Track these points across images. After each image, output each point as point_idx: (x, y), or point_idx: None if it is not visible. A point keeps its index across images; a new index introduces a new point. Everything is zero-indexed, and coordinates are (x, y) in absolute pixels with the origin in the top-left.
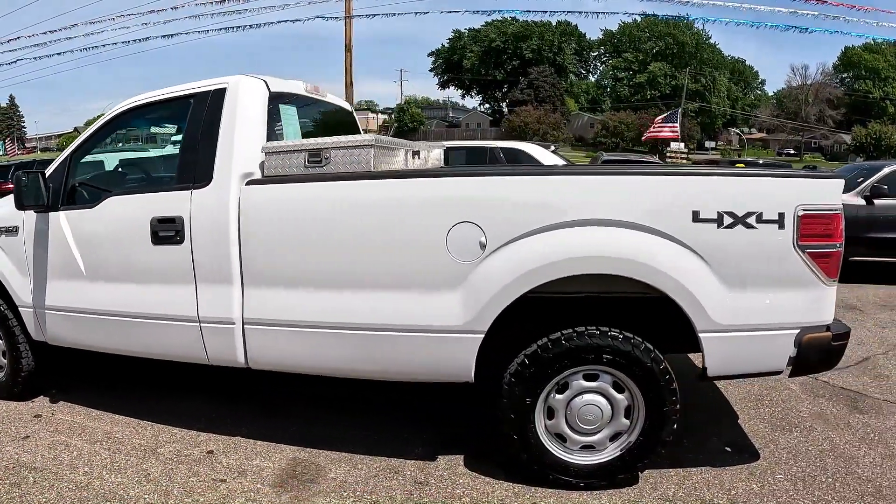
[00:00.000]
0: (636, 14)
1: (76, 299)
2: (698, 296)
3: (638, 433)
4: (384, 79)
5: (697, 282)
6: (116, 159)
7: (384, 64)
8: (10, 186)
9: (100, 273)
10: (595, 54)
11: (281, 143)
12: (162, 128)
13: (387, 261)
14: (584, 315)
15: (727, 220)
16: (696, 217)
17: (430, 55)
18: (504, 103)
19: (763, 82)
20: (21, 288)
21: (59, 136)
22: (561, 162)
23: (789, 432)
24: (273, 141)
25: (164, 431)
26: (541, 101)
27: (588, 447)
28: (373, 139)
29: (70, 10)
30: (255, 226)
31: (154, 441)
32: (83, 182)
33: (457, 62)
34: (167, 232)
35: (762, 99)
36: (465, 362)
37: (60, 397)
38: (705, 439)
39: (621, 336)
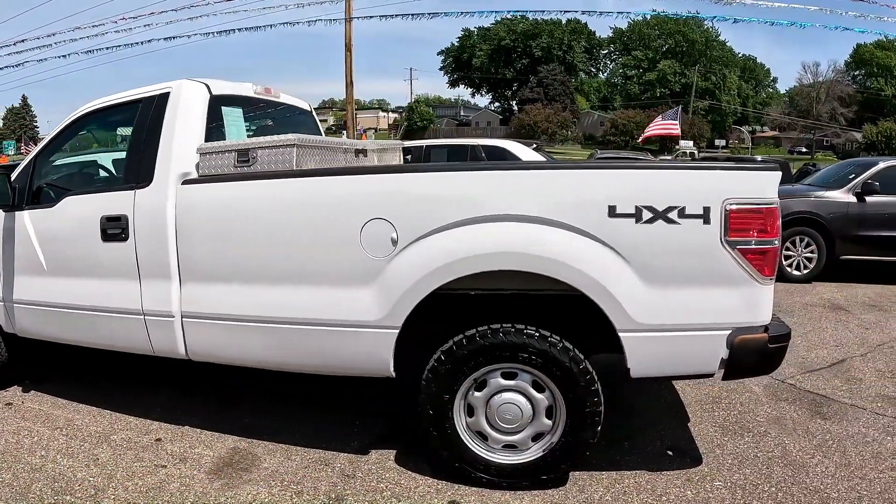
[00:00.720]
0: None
1: (39, 293)
2: (616, 294)
3: (560, 434)
4: (396, 77)
5: (615, 279)
6: (79, 161)
7: (396, 62)
8: None
9: (59, 269)
10: (605, 52)
11: (213, 144)
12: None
13: (306, 257)
14: (508, 312)
15: (646, 215)
16: (613, 212)
17: (440, 54)
18: (514, 102)
19: (775, 80)
20: None
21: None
22: (541, 159)
23: (740, 437)
24: (211, 142)
25: (121, 420)
26: (550, 100)
27: (510, 446)
28: (295, 139)
29: (79, 11)
30: (189, 223)
31: (109, 428)
32: (46, 183)
33: (466, 61)
34: (114, 230)
35: (774, 97)
36: (383, 357)
37: (32, 387)
38: (649, 442)
39: (537, 334)
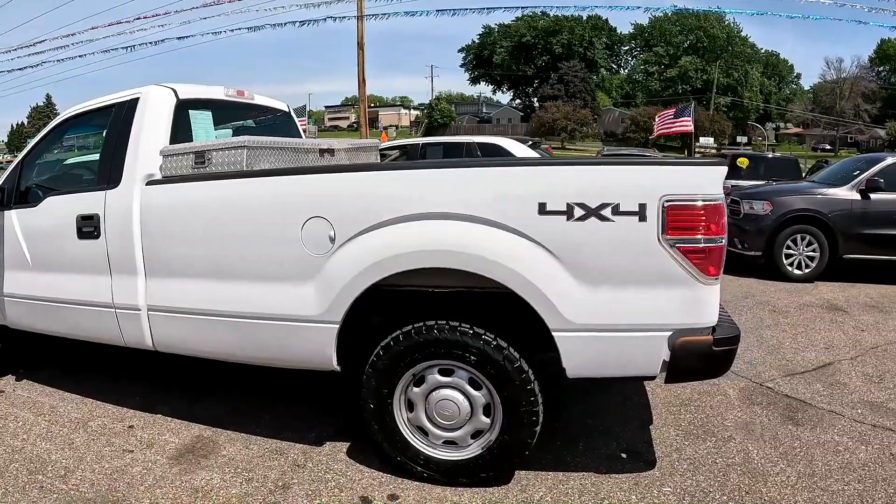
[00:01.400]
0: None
1: (26, 287)
2: (547, 293)
3: (498, 432)
4: (419, 74)
5: (546, 278)
6: (62, 163)
7: (419, 59)
8: None
9: (42, 264)
10: (626, 48)
11: (174, 147)
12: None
13: (253, 254)
14: (450, 309)
15: (578, 213)
16: (543, 209)
17: (461, 51)
18: (535, 99)
19: (798, 76)
20: None
21: None
22: (535, 156)
23: (702, 441)
24: (173, 144)
25: (100, 408)
26: (571, 97)
27: (451, 443)
28: (245, 141)
29: (97, 13)
30: (152, 221)
31: (88, 415)
32: (32, 183)
33: (487, 58)
34: (88, 227)
35: (797, 93)
36: (326, 351)
37: (26, 377)
38: (605, 443)
39: (471, 332)
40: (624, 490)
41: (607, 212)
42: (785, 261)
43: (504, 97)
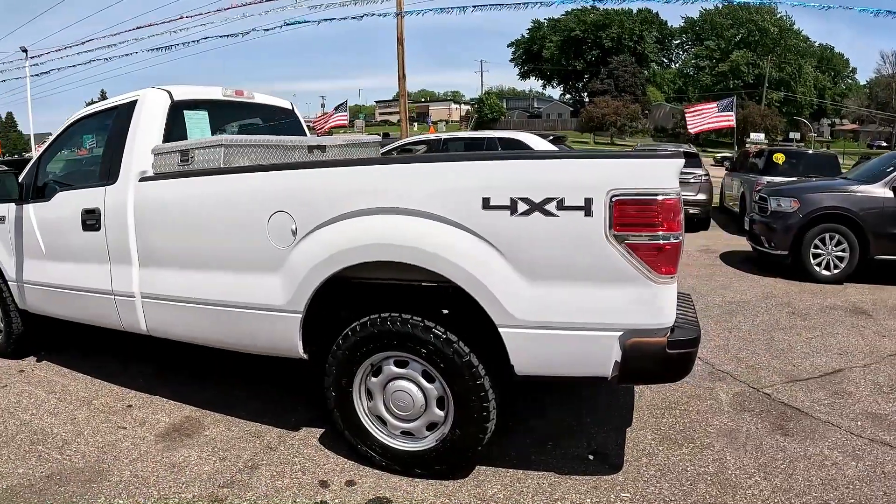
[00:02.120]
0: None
1: (40, 275)
2: (492, 288)
3: (451, 426)
4: (471, 68)
5: (490, 273)
6: (72, 160)
7: (472, 54)
8: None
9: (53, 254)
10: (677, 42)
11: (163, 145)
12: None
13: (228, 246)
14: (410, 302)
15: (522, 207)
16: (487, 204)
17: (510, 46)
18: (585, 94)
19: (854, 71)
20: (7, 265)
21: None
22: (555, 149)
23: (677, 447)
24: (164, 143)
25: (106, 388)
26: (621, 91)
27: (408, 434)
28: (221, 139)
29: (144, 13)
30: (143, 215)
31: (94, 395)
32: (47, 179)
33: (536, 52)
34: (91, 220)
35: (853, 88)
36: (291, 339)
37: (45, 358)
38: (576, 443)
39: (421, 325)
40: (580, 493)
41: (552, 206)
42: (812, 261)
43: (555, 92)
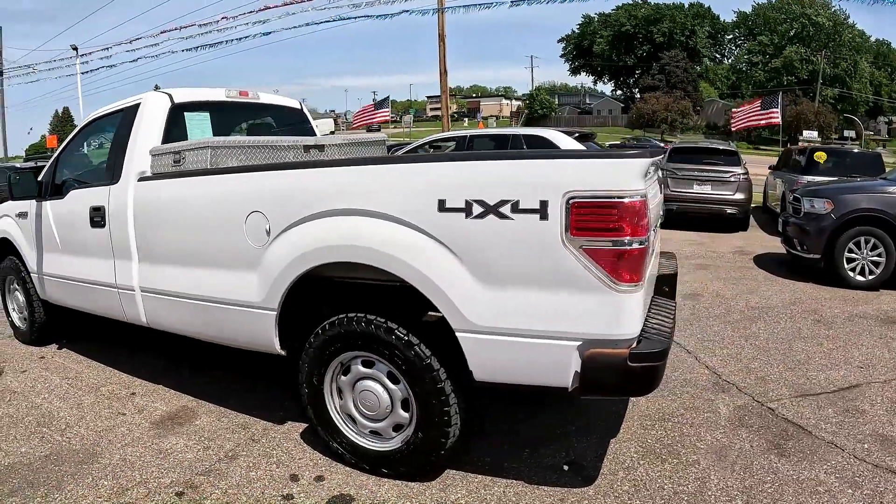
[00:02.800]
0: None
1: (56, 267)
2: (448, 292)
3: (414, 429)
4: (524, 64)
5: (446, 276)
6: (83, 160)
7: (524, 49)
8: None
9: (67, 248)
10: (729, 37)
11: (160, 147)
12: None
13: (212, 244)
14: (379, 304)
15: (477, 210)
16: (443, 206)
17: (560, 41)
18: (636, 89)
19: None
20: (30, 258)
21: None
22: (580, 148)
23: (660, 463)
24: (161, 145)
25: (115, 376)
26: (672, 87)
27: (376, 433)
28: (208, 141)
29: (190, 11)
30: (141, 213)
31: (103, 382)
32: (62, 178)
33: (587, 48)
34: (97, 218)
35: None
36: (268, 335)
37: (66, 346)
38: (553, 453)
39: (384, 326)
40: None
41: (506, 209)
42: (846, 265)
43: (606, 88)
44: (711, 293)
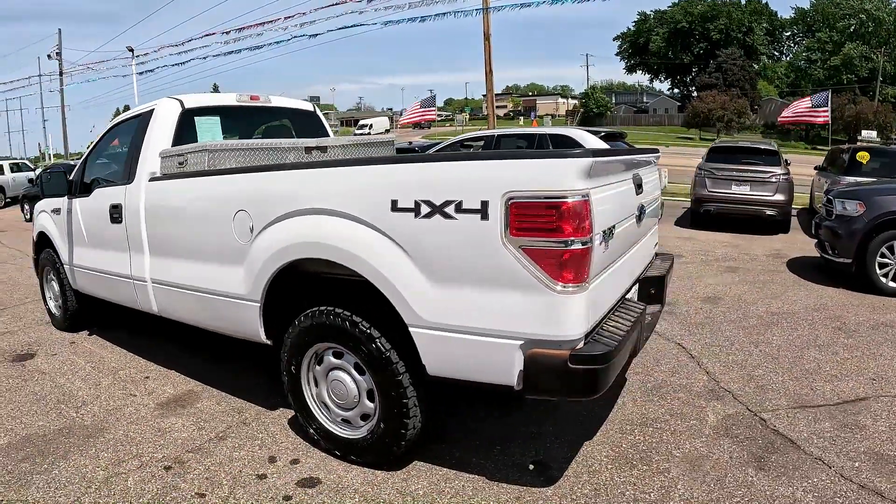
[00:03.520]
0: None
1: (83, 259)
2: (400, 287)
3: (377, 419)
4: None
5: (399, 273)
6: (106, 160)
7: (581, 47)
8: None
9: (92, 241)
10: (787, 34)
11: (168, 149)
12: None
13: (206, 240)
14: (348, 298)
15: (424, 210)
16: (395, 206)
17: (616, 39)
18: (692, 88)
19: None
20: (63, 250)
21: None
22: (604, 147)
23: (628, 469)
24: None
25: (134, 361)
26: (729, 85)
27: (347, 422)
28: (205, 144)
29: (252, 10)
30: (151, 211)
31: (122, 366)
32: (90, 177)
33: (643, 45)
34: (115, 214)
35: None
36: (254, 325)
37: (96, 333)
38: (523, 451)
39: (349, 319)
40: (500, 502)
41: (451, 209)
42: (878, 271)
43: (663, 86)
44: (733, 297)
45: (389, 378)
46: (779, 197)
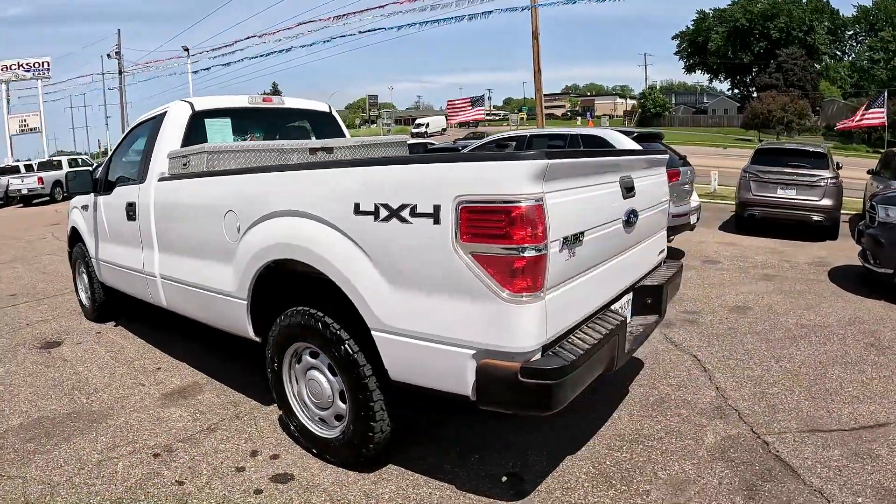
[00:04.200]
0: None
1: (106, 254)
2: (362, 291)
3: (348, 420)
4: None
5: (361, 276)
6: (126, 160)
7: (640, 47)
8: None
9: (112, 237)
10: (850, 33)
11: (175, 151)
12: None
13: (203, 238)
14: (324, 299)
15: (383, 213)
16: (357, 209)
17: (675, 38)
18: (752, 88)
19: None
20: (90, 244)
21: None
22: (636, 148)
23: (606, 488)
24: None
25: (150, 352)
26: (790, 86)
27: (323, 421)
28: (204, 146)
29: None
30: (159, 209)
31: (139, 357)
32: (112, 176)
33: (702, 45)
34: (131, 212)
35: None
36: (243, 322)
37: (122, 324)
38: (500, 462)
39: (322, 320)
40: None
41: (406, 213)
42: None
43: (723, 86)
44: (763, 307)
45: (357, 381)
46: (826, 202)
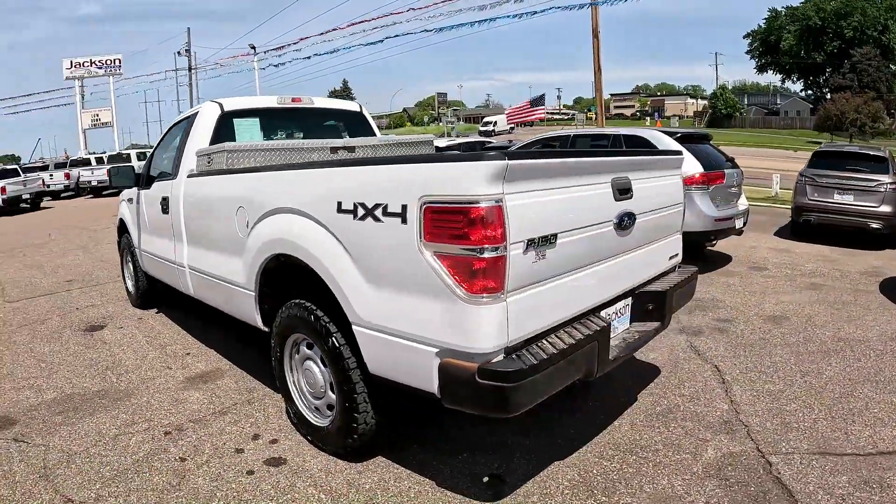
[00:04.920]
0: None
1: (146, 244)
2: (343, 286)
3: (337, 410)
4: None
5: (343, 273)
6: (162, 157)
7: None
8: None
9: (151, 229)
10: None
11: (202, 149)
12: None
13: (219, 232)
14: (318, 294)
15: (360, 212)
16: (339, 208)
17: (746, 37)
18: (826, 89)
19: None
20: (134, 235)
21: (388, 116)
22: (679, 148)
23: (584, 498)
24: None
25: (183, 338)
26: (864, 87)
27: (317, 409)
28: (224, 145)
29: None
30: (187, 204)
31: (171, 342)
32: (153, 172)
33: (774, 44)
34: (165, 206)
35: None
36: (252, 312)
37: (162, 311)
38: (486, 462)
39: (314, 314)
40: None
41: (379, 212)
42: None
43: (795, 87)
44: (802, 317)
45: (343, 373)
46: (885, 208)
